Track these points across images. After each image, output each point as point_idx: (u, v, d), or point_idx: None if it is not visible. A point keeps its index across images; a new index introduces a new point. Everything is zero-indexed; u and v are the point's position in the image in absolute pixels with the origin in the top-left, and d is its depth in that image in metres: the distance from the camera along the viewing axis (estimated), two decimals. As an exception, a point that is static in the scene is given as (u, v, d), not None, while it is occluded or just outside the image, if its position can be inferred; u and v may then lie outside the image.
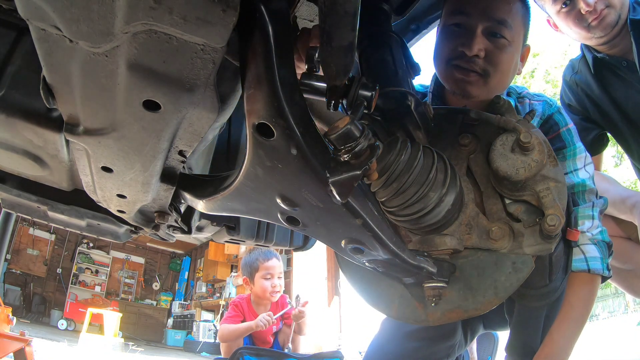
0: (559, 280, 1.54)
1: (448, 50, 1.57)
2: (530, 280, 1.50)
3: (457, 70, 1.55)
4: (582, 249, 1.58)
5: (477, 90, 1.56)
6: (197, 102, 0.91)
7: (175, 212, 1.62)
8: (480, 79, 1.54)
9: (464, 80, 1.55)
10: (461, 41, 1.52)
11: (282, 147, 0.83)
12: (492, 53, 1.52)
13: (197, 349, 11.18)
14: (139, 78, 0.86)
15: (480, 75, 1.54)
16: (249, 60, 0.83)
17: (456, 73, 1.56)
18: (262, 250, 4.01)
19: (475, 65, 1.52)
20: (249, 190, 1.01)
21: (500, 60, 1.53)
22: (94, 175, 1.36)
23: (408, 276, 1.21)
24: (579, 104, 2.71)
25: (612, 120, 2.59)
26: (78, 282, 14.48)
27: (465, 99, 1.59)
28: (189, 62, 0.81)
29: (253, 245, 2.27)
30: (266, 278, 3.91)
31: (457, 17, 1.55)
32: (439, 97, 1.81)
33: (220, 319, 10.42)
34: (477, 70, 1.53)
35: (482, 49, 1.50)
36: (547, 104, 1.74)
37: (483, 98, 1.60)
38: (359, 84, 0.92)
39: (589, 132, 2.68)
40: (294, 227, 1.05)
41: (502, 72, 1.56)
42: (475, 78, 1.54)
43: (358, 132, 0.81)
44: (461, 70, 1.55)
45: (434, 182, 1.07)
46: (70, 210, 1.90)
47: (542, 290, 1.51)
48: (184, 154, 1.19)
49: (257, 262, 3.95)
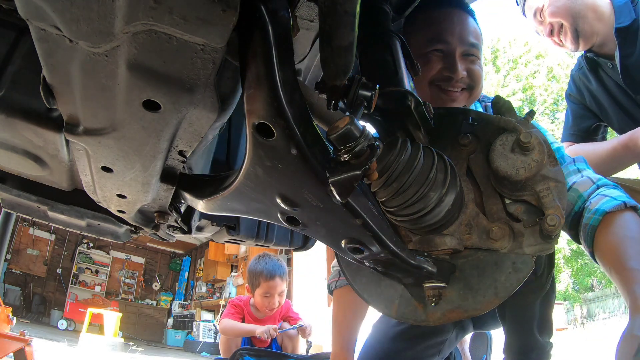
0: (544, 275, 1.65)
1: (432, 74, 1.75)
2: None
3: (442, 91, 1.76)
4: (603, 193, 1.65)
5: (463, 103, 1.78)
6: (197, 102, 0.91)
7: (175, 212, 1.62)
8: (466, 94, 1.78)
9: (451, 100, 1.76)
10: (444, 66, 1.73)
11: (282, 147, 0.83)
12: (471, 70, 1.75)
13: (197, 349, 11.19)
14: (139, 78, 0.86)
15: (465, 91, 1.77)
16: (249, 60, 0.83)
17: (442, 94, 1.77)
18: (267, 265, 3.98)
19: (461, 84, 1.75)
20: (249, 190, 1.01)
21: (478, 73, 1.77)
22: (94, 175, 1.36)
23: (408, 276, 1.21)
24: (579, 95, 2.92)
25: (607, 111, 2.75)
26: (78, 282, 14.50)
27: None
28: (189, 62, 0.81)
29: (253, 245, 2.27)
30: (265, 296, 3.93)
31: (437, 44, 1.75)
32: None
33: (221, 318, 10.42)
34: (464, 88, 1.77)
35: (464, 69, 1.74)
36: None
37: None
38: (359, 84, 0.92)
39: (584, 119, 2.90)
40: (294, 227, 1.05)
41: (481, 82, 1.81)
42: (462, 94, 1.77)
43: (358, 132, 0.81)
44: (447, 92, 1.76)
45: (434, 182, 1.07)
46: (70, 210, 1.90)
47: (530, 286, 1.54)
48: (184, 154, 1.19)
49: (260, 277, 3.94)
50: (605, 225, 1.57)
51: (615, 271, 1.50)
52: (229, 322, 3.85)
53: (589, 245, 1.61)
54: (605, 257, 1.56)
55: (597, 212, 1.58)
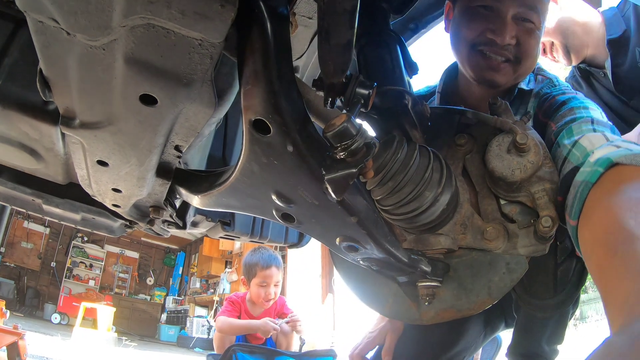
0: (566, 294, 1.45)
1: (474, 35, 1.48)
2: (535, 291, 1.48)
3: (484, 58, 1.48)
4: (616, 143, 1.02)
5: (505, 79, 1.49)
6: (194, 97, 0.91)
7: (171, 207, 1.62)
8: (510, 67, 1.48)
9: (492, 69, 1.48)
10: (490, 27, 1.44)
11: (278, 143, 0.83)
12: (522, 39, 1.45)
13: (190, 344, 11.18)
14: (136, 72, 0.86)
15: (511, 63, 1.47)
16: (247, 56, 0.83)
17: (482, 61, 1.48)
18: (263, 255, 4.00)
19: (507, 53, 1.45)
20: (245, 187, 1.01)
21: (531, 46, 1.47)
22: (90, 169, 1.36)
23: (402, 275, 1.22)
24: None
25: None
26: (72, 276, 14.45)
27: (491, 88, 1.54)
28: (186, 57, 0.81)
29: (248, 241, 2.27)
30: (262, 285, 3.91)
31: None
32: (449, 96, 1.73)
33: (214, 314, 10.41)
34: (509, 58, 1.46)
35: (514, 36, 1.44)
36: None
37: (508, 86, 1.54)
38: (356, 82, 0.92)
39: None
40: (289, 224, 1.05)
41: (532, 58, 1.50)
42: (505, 66, 1.47)
43: (354, 130, 0.81)
44: (489, 59, 1.47)
45: (430, 181, 1.07)
46: (65, 204, 1.90)
47: (547, 302, 1.46)
48: (180, 149, 1.19)
49: (256, 267, 3.94)
50: (607, 183, 0.93)
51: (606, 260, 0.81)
52: (227, 320, 3.84)
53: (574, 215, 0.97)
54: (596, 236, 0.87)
55: (598, 162, 0.95)
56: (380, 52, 1.33)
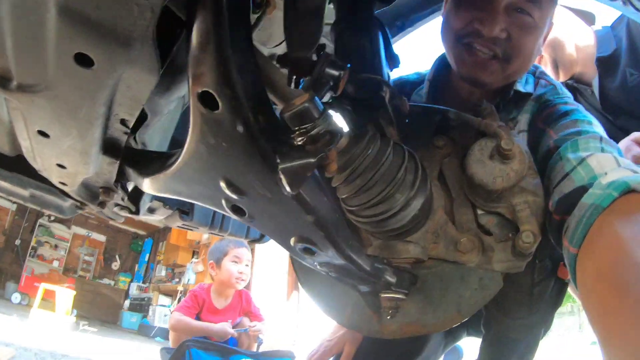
0: (540, 315, 1.38)
1: (461, 24, 1.29)
2: (508, 309, 1.42)
3: (469, 53, 1.28)
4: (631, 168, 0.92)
5: (491, 78, 1.30)
6: (134, 60, 0.78)
7: (122, 190, 1.50)
8: (498, 65, 1.28)
9: (477, 66, 1.29)
10: (478, 15, 1.25)
11: (227, 122, 0.71)
12: (514, 33, 1.25)
13: (151, 333, 10.98)
14: (69, 25, 0.74)
15: (499, 60, 1.28)
16: (197, 12, 0.70)
17: (467, 56, 1.29)
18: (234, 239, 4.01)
19: (495, 47, 1.26)
20: (192, 171, 0.89)
21: (524, 42, 1.26)
22: (32, 140, 1.24)
23: (364, 284, 1.10)
24: None
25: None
26: (36, 256, 14.10)
27: (476, 87, 1.38)
28: (124, 9, 0.68)
29: (207, 233, 2.14)
30: (234, 261, 3.94)
31: None
32: (440, 86, 1.55)
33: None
34: (497, 54, 1.27)
35: (504, 29, 1.24)
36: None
37: (497, 86, 1.36)
38: (326, 61, 0.80)
39: None
40: (240, 217, 0.92)
41: (525, 56, 1.29)
42: (492, 64, 1.28)
43: (317, 113, 0.69)
44: (474, 54, 1.28)
45: (402, 182, 0.96)
46: (13, 178, 1.77)
47: (520, 321, 1.40)
48: (126, 123, 1.06)
49: (227, 247, 4.00)
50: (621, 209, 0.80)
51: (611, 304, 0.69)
52: (183, 320, 3.73)
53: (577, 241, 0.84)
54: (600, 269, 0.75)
55: (612, 185, 0.83)
56: (360, 38, 1.20)
